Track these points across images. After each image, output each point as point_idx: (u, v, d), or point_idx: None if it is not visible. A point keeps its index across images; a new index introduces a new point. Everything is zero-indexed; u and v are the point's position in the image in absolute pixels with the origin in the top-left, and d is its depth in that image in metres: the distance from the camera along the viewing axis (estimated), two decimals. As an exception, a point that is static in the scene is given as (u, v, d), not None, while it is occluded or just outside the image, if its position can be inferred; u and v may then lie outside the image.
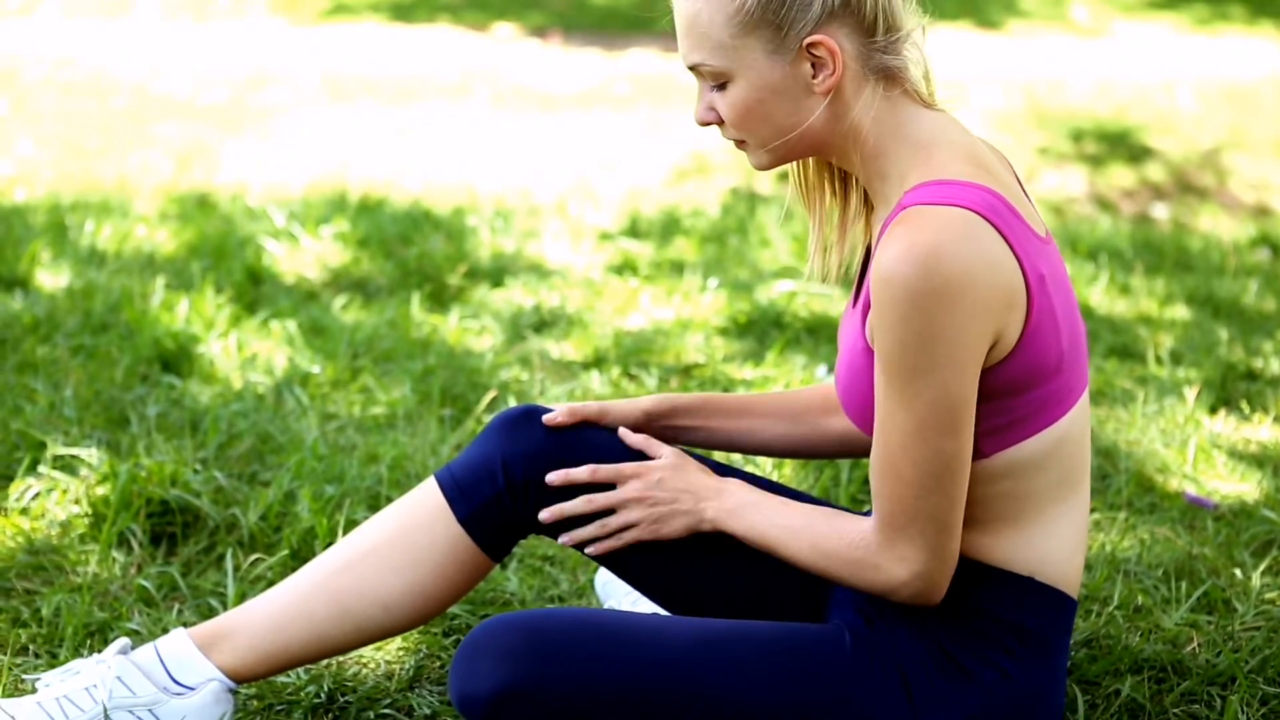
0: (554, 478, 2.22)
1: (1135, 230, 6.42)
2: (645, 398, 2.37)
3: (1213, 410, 3.85)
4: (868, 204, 2.19)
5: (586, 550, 2.23)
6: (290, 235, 5.09)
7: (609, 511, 2.21)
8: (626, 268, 4.99)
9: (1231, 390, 3.99)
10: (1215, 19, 13.48)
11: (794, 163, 2.20)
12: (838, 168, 2.19)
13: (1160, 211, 7.73)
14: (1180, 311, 4.77)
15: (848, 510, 2.19)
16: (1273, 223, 7.06)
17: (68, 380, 3.71)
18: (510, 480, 2.23)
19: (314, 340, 4.12)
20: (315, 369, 3.89)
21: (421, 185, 6.92)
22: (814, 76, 2.02)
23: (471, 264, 4.92)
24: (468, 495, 2.24)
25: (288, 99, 9.27)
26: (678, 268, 4.99)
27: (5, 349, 3.93)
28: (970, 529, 2.06)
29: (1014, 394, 1.99)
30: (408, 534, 2.25)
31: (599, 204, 6.20)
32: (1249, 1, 14.40)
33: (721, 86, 2.05)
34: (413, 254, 4.95)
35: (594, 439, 2.27)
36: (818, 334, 4.39)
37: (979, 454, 2.01)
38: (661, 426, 2.36)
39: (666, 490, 2.19)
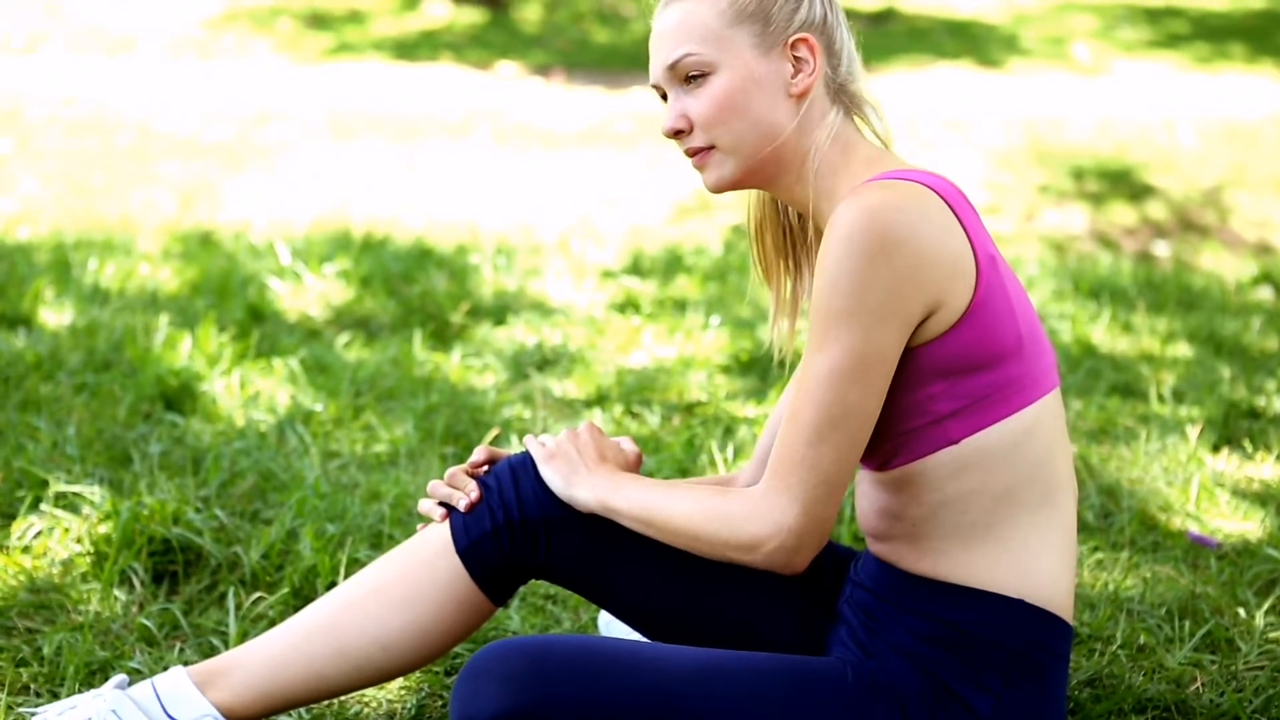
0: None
1: (1137, 268, 6.43)
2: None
3: (1215, 449, 3.85)
4: (810, 264, 2.28)
5: (524, 439, 2.31)
6: (293, 273, 5.09)
7: None
8: (629, 305, 4.99)
9: (1234, 429, 3.98)
10: (1215, 57, 13.52)
11: (752, 236, 2.32)
12: (789, 233, 2.30)
13: (1162, 249, 7.74)
14: (1182, 349, 4.77)
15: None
16: (1274, 261, 7.07)
17: (70, 418, 3.71)
18: (510, 520, 2.23)
19: (316, 378, 4.12)
20: (318, 407, 3.89)
21: (424, 223, 6.93)
22: (793, 76, 2.12)
23: (474, 302, 4.93)
24: (469, 527, 2.25)
25: (291, 137, 9.30)
26: (680, 305, 4.99)
27: (8, 387, 3.93)
28: (951, 544, 2.07)
29: (971, 371, 2.02)
30: (410, 571, 2.26)
31: (601, 242, 6.21)
32: (1249, 40, 14.45)
33: (700, 80, 2.13)
34: (415, 292, 4.96)
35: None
36: (820, 372, 4.38)
37: (948, 439, 2.04)
38: None
39: (575, 445, 2.25)
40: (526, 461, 2.29)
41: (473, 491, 2.26)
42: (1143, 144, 9.80)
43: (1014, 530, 2.08)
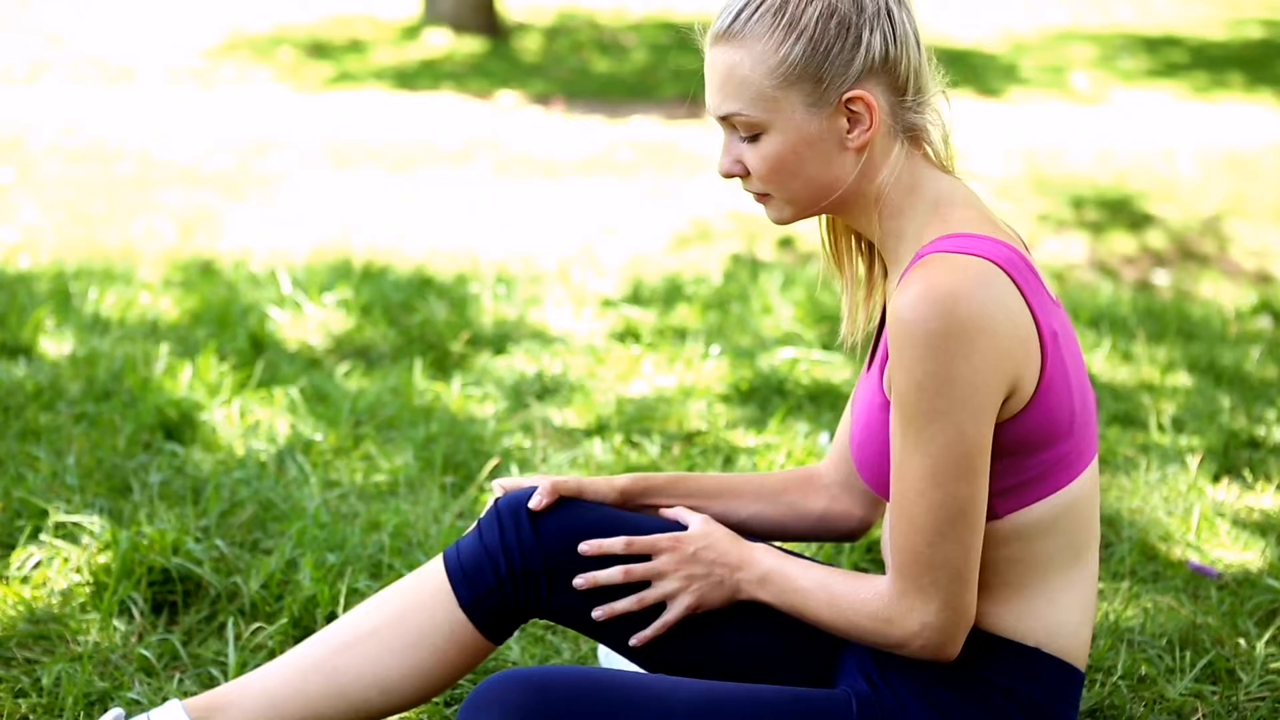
0: (587, 548, 2.21)
1: (1137, 297, 6.43)
2: (620, 476, 2.37)
3: (1215, 478, 3.85)
4: (883, 268, 2.20)
5: (631, 641, 2.22)
6: (293, 302, 5.10)
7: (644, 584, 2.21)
8: (629, 335, 5.00)
9: (1234, 458, 3.98)
10: (1214, 86, 13.54)
11: (823, 229, 2.22)
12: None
13: (1161, 278, 7.74)
14: (1182, 379, 4.77)
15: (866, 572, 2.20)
16: (1274, 290, 7.07)
17: (70, 448, 3.71)
18: (512, 568, 2.22)
19: (316, 407, 4.12)
20: (318, 436, 3.89)
21: (424, 252, 6.94)
22: (849, 131, 2.04)
23: (474, 331, 4.93)
24: (471, 580, 2.23)
25: (292, 166, 9.31)
26: (680, 334, 4.99)
27: (8, 416, 3.93)
28: (979, 596, 2.05)
29: (1027, 453, 1.99)
30: (409, 615, 2.24)
31: (601, 270, 6.21)
32: (1247, 69, 14.48)
33: (754, 138, 2.06)
34: (415, 321, 4.96)
35: (595, 520, 2.26)
36: (820, 401, 4.39)
37: (991, 515, 2.01)
38: (637, 506, 2.36)
39: (701, 564, 2.18)
40: (524, 502, 2.28)
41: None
42: (1142, 173, 9.81)
43: (1043, 588, 2.06)
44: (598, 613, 2.21)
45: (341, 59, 13.82)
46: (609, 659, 2.73)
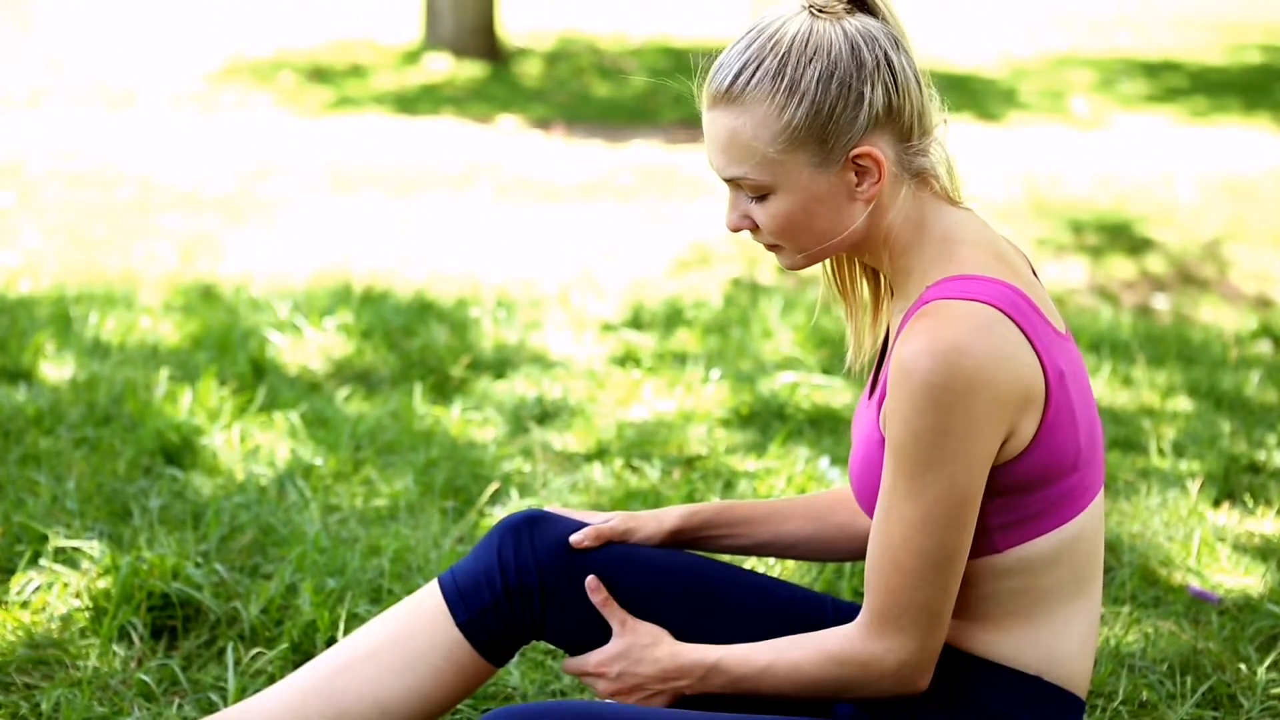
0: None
1: (1136, 321, 6.43)
2: (670, 512, 2.36)
3: (1216, 503, 3.84)
4: (889, 290, 2.19)
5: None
6: (294, 327, 5.10)
7: None
8: (629, 359, 5.00)
9: (1235, 483, 3.98)
10: (1213, 111, 13.57)
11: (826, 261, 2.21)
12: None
13: (1161, 303, 7.74)
14: (1182, 403, 4.77)
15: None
16: (1274, 314, 7.08)
17: (70, 472, 3.71)
18: (508, 587, 2.23)
19: (317, 432, 4.12)
20: (318, 461, 3.89)
21: (425, 276, 6.94)
22: (858, 185, 2.02)
23: (474, 355, 4.93)
24: (467, 600, 2.23)
25: (292, 190, 9.33)
26: (680, 359, 4.99)
27: (8, 441, 3.93)
28: (980, 625, 2.05)
29: (1029, 490, 1.99)
30: (406, 637, 2.25)
31: (601, 295, 6.22)
32: (1246, 95, 14.51)
33: (761, 198, 2.04)
34: (416, 345, 4.96)
35: (593, 553, 2.27)
36: (820, 425, 4.39)
37: (992, 549, 2.01)
38: (690, 539, 2.36)
39: (627, 683, 2.19)
40: (519, 524, 2.28)
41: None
42: (1141, 197, 9.82)
43: (1047, 619, 2.06)
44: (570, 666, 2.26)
45: (342, 84, 13.84)
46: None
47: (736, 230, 2.09)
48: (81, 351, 4.82)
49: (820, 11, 2.00)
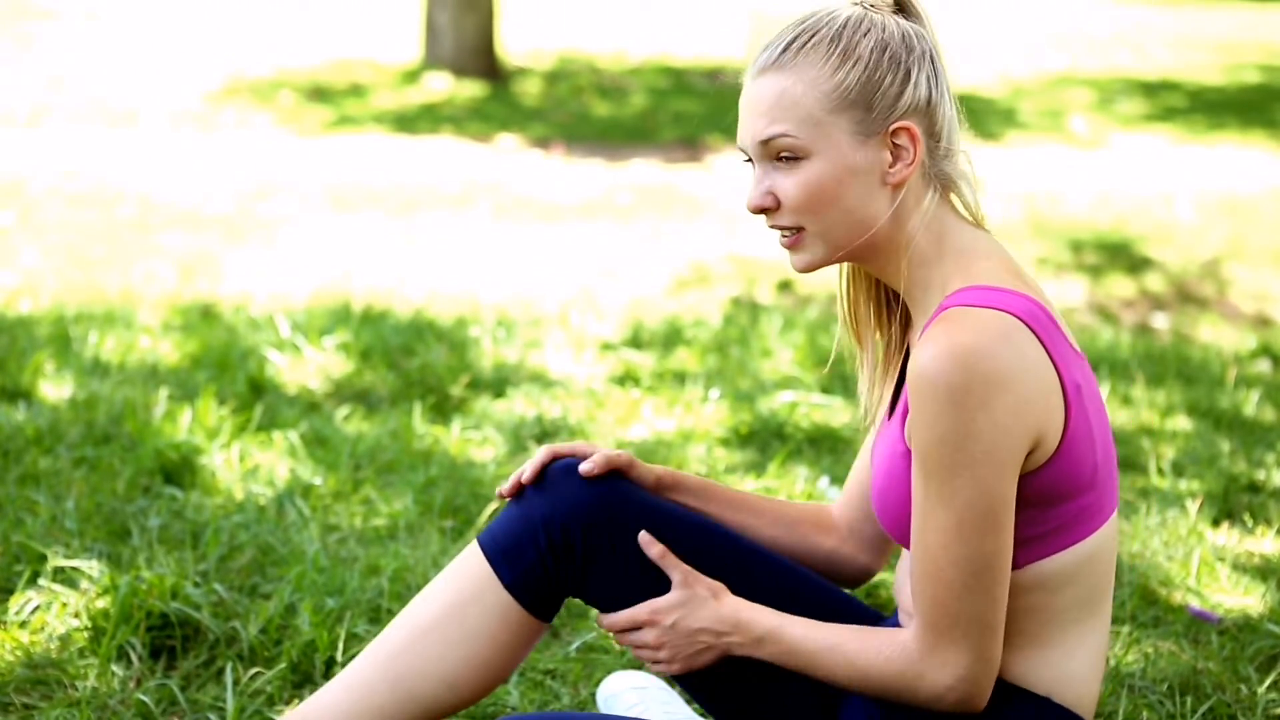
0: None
1: (1136, 340, 6.43)
2: (659, 466, 2.37)
3: (1215, 523, 3.84)
4: (906, 322, 2.20)
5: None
6: (293, 346, 5.10)
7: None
8: (628, 378, 5.00)
9: (1234, 502, 3.98)
10: (1212, 131, 13.59)
11: (843, 293, 2.22)
12: (881, 295, 2.21)
13: (1161, 322, 7.75)
14: (1182, 423, 4.77)
15: (873, 618, 2.18)
16: (1273, 333, 7.08)
17: (69, 492, 3.71)
18: (551, 541, 2.20)
19: (316, 451, 4.12)
20: (317, 480, 3.88)
21: (424, 295, 6.94)
22: (891, 166, 2.04)
23: (474, 375, 4.93)
24: (511, 560, 2.21)
25: (292, 209, 9.33)
26: (679, 378, 4.99)
27: (7, 460, 3.93)
28: None
29: (1049, 504, 1.99)
30: (459, 608, 2.23)
31: (601, 314, 6.22)
32: (1244, 114, 14.53)
33: (793, 166, 2.04)
34: (415, 365, 4.97)
35: (631, 500, 2.24)
36: (819, 445, 4.39)
37: (1012, 565, 2.00)
38: (666, 496, 2.36)
39: (681, 634, 2.17)
40: (557, 476, 2.25)
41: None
42: (1141, 216, 9.83)
43: (1060, 639, 2.06)
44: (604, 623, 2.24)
45: (342, 103, 13.86)
46: (608, 704, 2.72)
47: (758, 210, 2.09)
48: (81, 371, 4.82)
49: (871, 6, 2.08)
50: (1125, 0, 24.76)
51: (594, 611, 2.60)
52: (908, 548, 2.12)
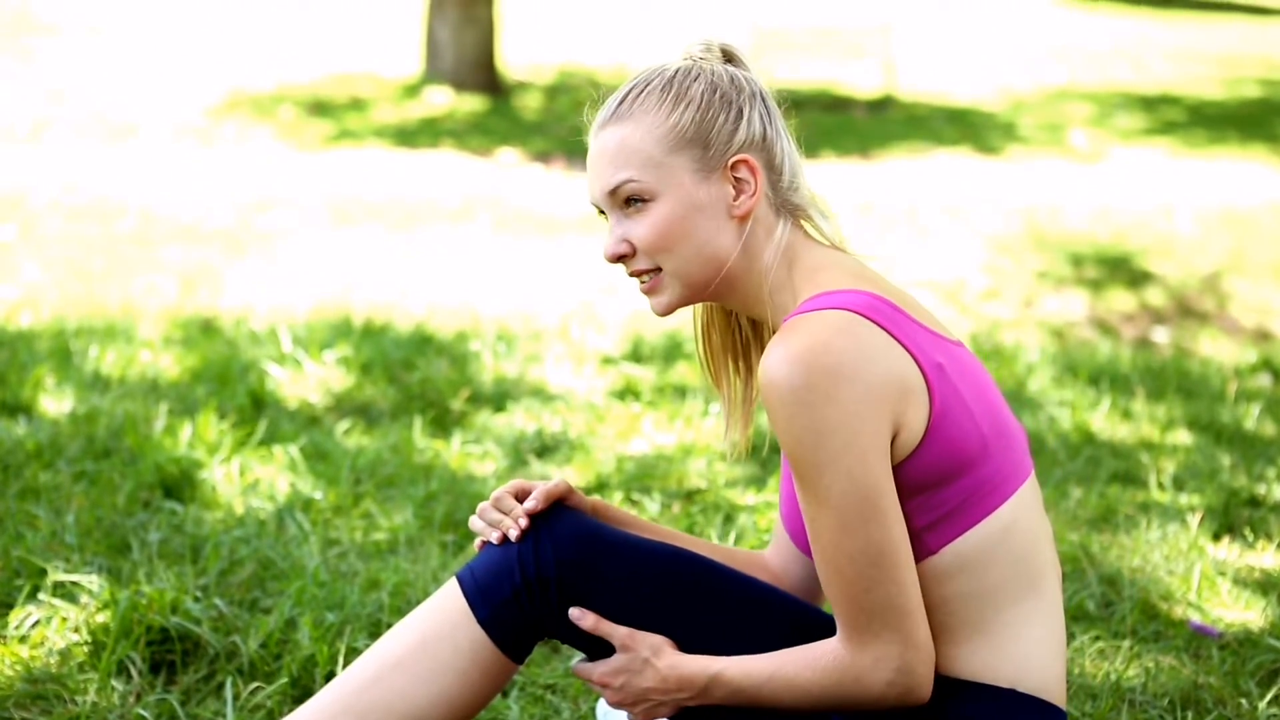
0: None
1: (1136, 354, 6.44)
2: (593, 496, 2.39)
3: (1216, 537, 3.84)
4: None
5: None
6: (293, 360, 5.10)
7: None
8: (629, 392, 5.00)
9: (1235, 517, 3.97)
10: (1211, 144, 13.61)
11: (700, 337, 2.30)
12: (737, 337, 2.29)
13: (1161, 335, 7.76)
14: (1182, 437, 4.77)
15: (818, 624, 2.19)
16: (1273, 347, 7.09)
17: (69, 506, 3.70)
18: (526, 579, 2.20)
19: (316, 465, 4.12)
20: (317, 494, 3.88)
21: (425, 309, 6.95)
22: (735, 199, 2.11)
23: (474, 388, 4.93)
24: (487, 595, 2.21)
25: (292, 223, 9.35)
26: (680, 392, 5.00)
27: (8, 475, 3.92)
28: (942, 641, 2.06)
29: (940, 485, 2.03)
30: (432, 643, 2.22)
31: (601, 328, 6.22)
32: (1244, 128, 14.55)
33: (641, 210, 2.11)
34: (415, 379, 4.97)
35: (602, 536, 2.23)
36: (820, 459, 4.37)
37: (926, 551, 2.04)
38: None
39: (632, 694, 2.18)
40: (535, 514, 2.25)
41: (522, 520, 2.22)
42: (1141, 230, 9.84)
43: (1002, 624, 2.07)
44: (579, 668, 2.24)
45: (342, 117, 13.88)
46: (607, 717, 2.72)
47: (616, 259, 2.17)
48: (81, 385, 4.82)
49: (699, 57, 2.18)
50: (1125, 14, 24.80)
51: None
52: None
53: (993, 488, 2.05)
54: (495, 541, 2.23)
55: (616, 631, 2.19)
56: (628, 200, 2.13)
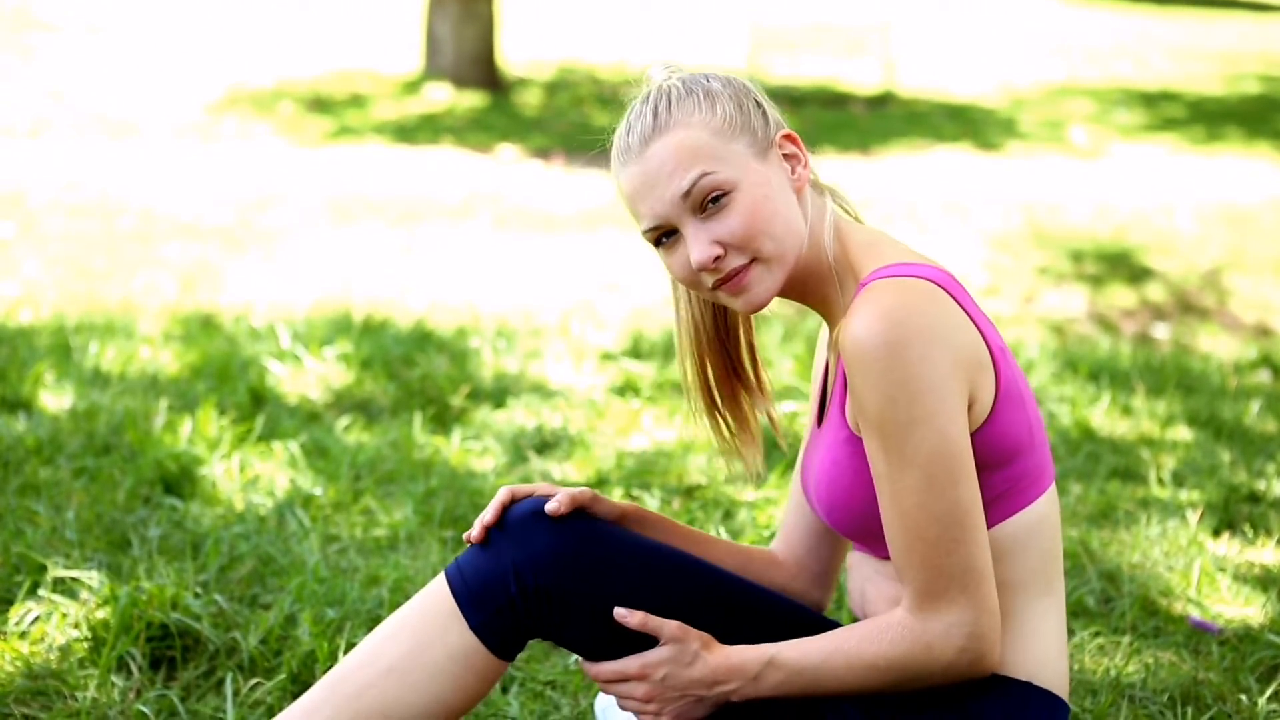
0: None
1: (1136, 350, 6.44)
2: (623, 502, 2.37)
3: (1216, 533, 3.84)
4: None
5: None
6: (293, 356, 5.10)
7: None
8: (628, 388, 5.00)
9: (1234, 513, 3.97)
10: (1212, 141, 13.60)
11: (693, 372, 2.35)
12: (729, 369, 2.38)
13: (1161, 332, 7.75)
14: (1182, 433, 4.77)
15: (819, 629, 2.20)
16: (1273, 343, 7.08)
17: (70, 502, 3.70)
18: (524, 587, 2.18)
19: (316, 462, 4.12)
20: (317, 490, 3.88)
21: (425, 306, 6.95)
22: (792, 173, 2.14)
23: (474, 385, 4.93)
24: (480, 603, 2.19)
25: (292, 220, 9.34)
26: (679, 388, 4.99)
27: (8, 471, 3.93)
28: None
29: (994, 467, 2.03)
30: (424, 648, 2.20)
31: (601, 324, 6.22)
32: (1245, 124, 14.54)
33: (721, 205, 2.08)
34: (415, 375, 4.97)
35: (603, 539, 2.22)
36: (820, 455, 4.38)
37: None
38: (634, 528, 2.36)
39: (672, 688, 2.15)
40: (528, 520, 2.22)
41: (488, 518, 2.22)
42: (1141, 226, 9.84)
43: (1024, 618, 2.08)
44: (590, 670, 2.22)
45: (342, 113, 13.88)
46: (605, 714, 2.72)
47: (713, 261, 2.10)
48: (81, 381, 4.82)
49: (676, 73, 2.20)
50: (1125, 10, 24.79)
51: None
52: (863, 544, 2.16)
53: (1033, 479, 2.07)
54: (472, 539, 2.22)
55: (666, 625, 2.17)
56: (704, 203, 2.08)
